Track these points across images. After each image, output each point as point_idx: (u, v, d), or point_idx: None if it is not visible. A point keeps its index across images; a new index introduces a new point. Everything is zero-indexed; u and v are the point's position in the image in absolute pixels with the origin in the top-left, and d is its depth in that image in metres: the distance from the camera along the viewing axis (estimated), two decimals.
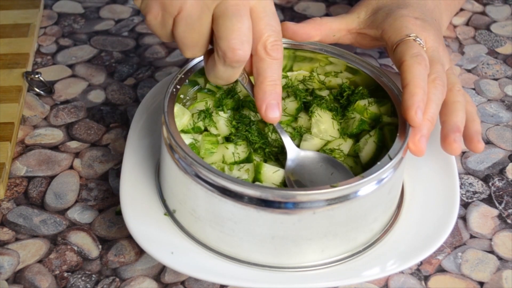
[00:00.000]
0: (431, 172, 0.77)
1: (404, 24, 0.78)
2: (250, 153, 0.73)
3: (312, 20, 0.81)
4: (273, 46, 0.67)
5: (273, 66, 0.68)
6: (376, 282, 0.71)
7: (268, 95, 0.68)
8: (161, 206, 0.73)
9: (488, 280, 0.72)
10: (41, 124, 0.88)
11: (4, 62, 0.93)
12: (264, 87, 0.68)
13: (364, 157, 0.73)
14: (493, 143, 0.86)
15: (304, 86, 0.81)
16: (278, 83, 0.69)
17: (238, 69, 0.68)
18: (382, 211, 0.70)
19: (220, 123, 0.76)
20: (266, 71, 0.68)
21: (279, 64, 0.69)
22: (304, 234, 0.66)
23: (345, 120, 0.77)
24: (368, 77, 0.78)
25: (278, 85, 0.68)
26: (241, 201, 0.65)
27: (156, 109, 0.83)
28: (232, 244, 0.68)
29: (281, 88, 0.69)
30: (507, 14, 1.06)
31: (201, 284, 0.71)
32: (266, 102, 0.68)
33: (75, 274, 0.72)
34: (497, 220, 0.78)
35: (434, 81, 0.73)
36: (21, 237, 0.75)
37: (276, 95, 0.68)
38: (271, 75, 0.68)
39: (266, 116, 0.68)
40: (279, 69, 0.69)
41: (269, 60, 0.68)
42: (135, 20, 1.04)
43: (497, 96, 0.93)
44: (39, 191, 0.80)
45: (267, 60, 0.68)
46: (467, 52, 0.99)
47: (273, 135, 0.75)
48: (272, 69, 0.68)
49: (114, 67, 0.96)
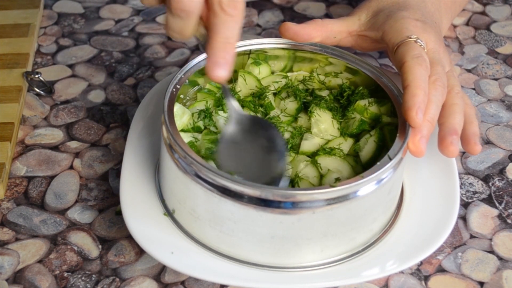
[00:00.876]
0: (431, 172, 0.77)
1: (405, 25, 0.78)
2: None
3: (313, 21, 0.81)
4: (229, 2, 0.64)
5: (228, 23, 0.64)
6: (376, 282, 0.71)
7: (217, 51, 0.65)
8: (161, 206, 0.73)
9: (488, 280, 0.72)
10: (41, 124, 0.88)
11: (4, 62, 0.93)
12: (214, 43, 0.65)
13: (364, 156, 0.73)
14: (493, 143, 0.86)
15: (304, 86, 0.81)
16: (231, 41, 0.65)
17: (187, 21, 0.64)
18: (381, 211, 0.70)
19: (220, 122, 0.76)
20: (219, 27, 0.65)
21: (235, 22, 0.65)
22: (303, 234, 0.66)
23: (345, 120, 0.77)
24: (368, 77, 0.78)
25: (230, 43, 0.65)
26: (240, 200, 0.65)
27: (156, 109, 0.83)
28: (232, 244, 0.68)
29: (234, 48, 0.65)
30: (507, 14, 1.06)
31: (201, 284, 0.71)
32: (213, 59, 0.65)
33: (75, 274, 0.72)
34: (497, 220, 0.78)
35: (434, 83, 0.73)
36: (21, 237, 0.75)
37: (226, 54, 0.65)
38: (224, 32, 0.65)
39: (211, 74, 0.65)
40: (234, 27, 0.65)
41: (223, 16, 0.64)
42: (135, 20, 1.04)
43: (497, 96, 0.93)
44: (39, 191, 0.80)
45: (221, 15, 0.64)
46: (467, 52, 0.99)
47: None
48: (226, 26, 0.65)
49: (114, 67, 0.96)
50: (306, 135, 0.75)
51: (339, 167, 0.72)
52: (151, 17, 1.05)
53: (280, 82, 0.81)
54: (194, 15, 0.64)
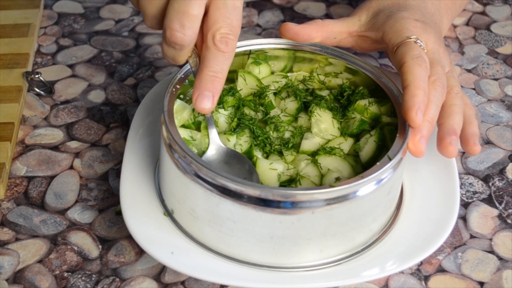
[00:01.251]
0: (431, 172, 0.77)
1: (405, 26, 0.78)
2: (251, 146, 0.73)
3: (314, 22, 0.81)
4: (222, 38, 0.67)
5: (218, 57, 0.67)
6: (376, 282, 0.71)
7: (203, 84, 0.67)
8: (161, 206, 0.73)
9: (488, 280, 0.72)
10: (41, 124, 0.88)
11: (4, 62, 0.93)
12: (202, 75, 0.68)
13: (364, 156, 0.73)
14: (493, 143, 0.86)
15: (304, 86, 0.81)
16: (220, 76, 0.68)
17: (180, 52, 0.68)
18: (381, 211, 0.70)
19: (221, 120, 0.76)
20: (209, 61, 0.68)
21: (226, 58, 0.68)
22: (303, 234, 0.66)
23: (345, 120, 0.77)
24: (368, 77, 0.78)
25: (218, 78, 0.68)
26: (240, 200, 0.65)
27: (156, 109, 0.83)
28: (231, 244, 0.68)
29: (221, 82, 0.68)
30: (507, 14, 1.06)
31: (201, 284, 0.71)
32: (200, 91, 0.68)
33: (75, 274, 0.72)
34: (497, 220, 0.78)
35: (434, 83, 0.73)
36: (21, 237, 0.75)
37: (212, 87, 0.67)
38: (213, 66, 0.67)
39: (196, 105, 0.68)
40: (224, 62, 0.68)
41: (214, 51, 0.67)
42: (135, 20, 1.04)
43: (497, 96, 0.93)
44: (39, 191, 0.80)
45: (213, 50, 0.67)
46: (467, 52, 0.99)
47: (275, 134, 0.75)
48: (216, 60, 0.67)
49: (114, 67, 0.96)
50: (306, 134, 0.76)
51: (339, 166, 0.72)
52: None
53: (280, 82, 0.81)
54: (186, 48, 0.67)
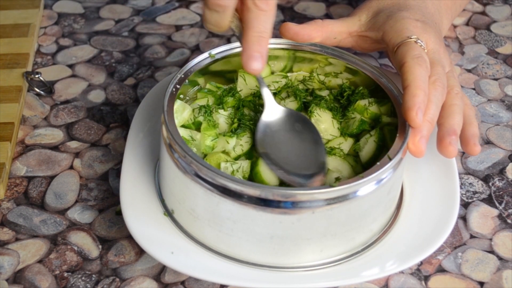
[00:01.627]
0: (431, 172, 0.77)
1: (405, 26, 0.78)
2: (252, 147, 0.73)
3: (314, 22, 0.81)
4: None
5: (260, 17, 0.68)
6: (376, 282, 0.71)
7: (251, 45, 0.68)
8: (161, 206, 0.73)
9: (488, 280, 0.72)
10: (41, 124, 0.88)
11: (4, 62, 0.93)
12: (248, 37, 0.68)
13: (364, 156, 0.73)
14: (493, 143, 0.86)
15: (304, 86, 0.81)
16: (265, 35, 0.68)
17: (223, 15, 0.68)
18: (381, 211, 0.70)
19: (220, 120, 0.76)
20: (252, 22, 0.68)
21: (268, 17, 0.68)
22: (303, 233, 0.66)
23: (345, 120, 0.77)
24: (368, 77, 0.78)
25: (263, 37, 0.68)
26: (240, 200, 0.65)
27: (156, 109, 0.83)
28: (231, 244, 0.68)
29: (267, 41, 0.68)
30: (507, 14, 1.06)
31: (201, 284, 0.71)
32: (248, 53, 0.68)
33: (75, 274, 0.72)
34: (497, 220, 0.78)
35: (434, 83, 0.73)
36: (21, 237, 0.75)
37: (260, 47, 0.68)
38: (257, 26, 0.68)
39: (247, 67, 0.68)
40: (266, 21, 0.68)
41: (255, 11, 0.68)
42: (135, 20, 1.04)
43: (497, 96, 0.93)
44: (39, 191, 0.80)
45: (254, 10, 0.68)
46: (467, 52, 0.99)
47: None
48: (259, 20, 0.68)
49: (114, 67, 0.96)
50: None
51: (339, 166, 0.72)
52: (151, 17, 1.05)
53: (280, 82, 0.81)
54: (229, 9, 0.67)
